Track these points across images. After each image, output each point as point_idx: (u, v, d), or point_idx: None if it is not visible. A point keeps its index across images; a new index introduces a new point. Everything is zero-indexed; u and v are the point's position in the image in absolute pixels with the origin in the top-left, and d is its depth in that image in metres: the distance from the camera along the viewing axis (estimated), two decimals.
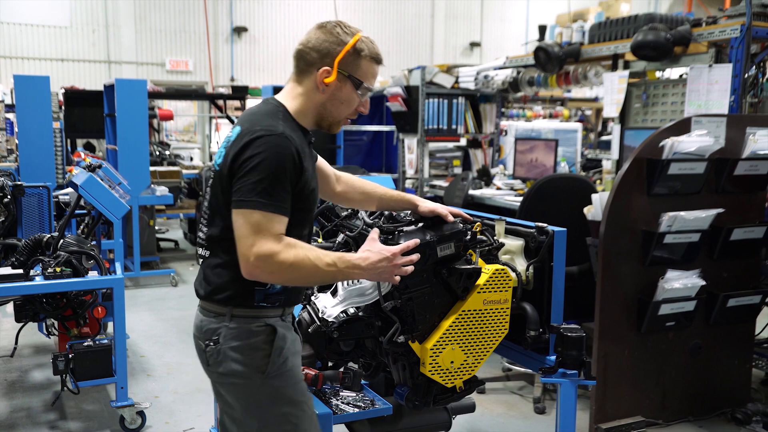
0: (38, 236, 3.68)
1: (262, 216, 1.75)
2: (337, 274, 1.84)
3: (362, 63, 1.94)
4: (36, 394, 4.20)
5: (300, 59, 1.95)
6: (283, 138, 1.80)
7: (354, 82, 1.94)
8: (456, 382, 2.27)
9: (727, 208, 3.61)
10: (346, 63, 1.92)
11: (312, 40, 1.94)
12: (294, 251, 1.77)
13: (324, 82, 1.91)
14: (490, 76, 6.49)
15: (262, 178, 1.76)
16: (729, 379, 3.91)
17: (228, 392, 1.97)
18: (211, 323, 1.93)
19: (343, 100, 1.96)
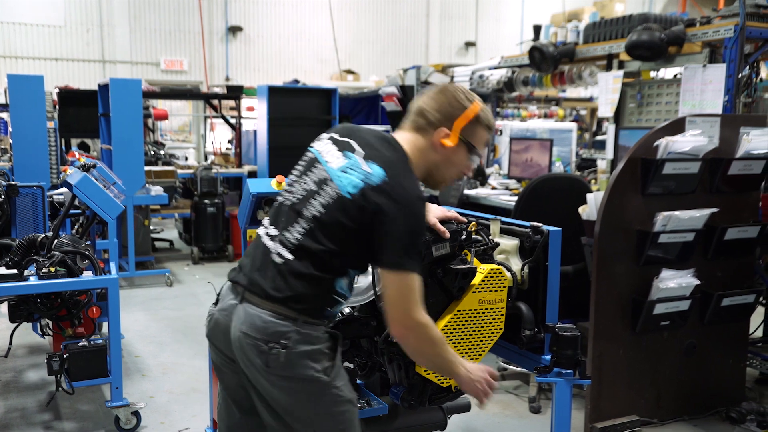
0: (32, 236, 3.66)
1: (415, 280, 1.86)
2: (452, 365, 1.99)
3: (478, 130, 2.05)
4: (30, 394, 4.18)
5: (420, 116, 2.05)
6: (425, 203, 1.94)
7: (468, 147, 2.05)
8: (451, 382, 2.27)
9: (721, 207, 3.62)
10: (465, 128, 2.02)
11: (434, 101, 2.03)
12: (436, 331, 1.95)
13: (442, 143, 2.00)
14: (485, 75, 6.50)
15: (414, 243, 1.87)
16: (723, 378, 3.92)
17: (289, 394, 1.92)
18: (280, 326, 1.88)
19: (455, 163, 2.06)
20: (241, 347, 1.93)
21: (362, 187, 1.87)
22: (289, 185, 2.06)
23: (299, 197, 1.97)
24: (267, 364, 1.89)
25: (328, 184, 1.93)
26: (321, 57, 15.95)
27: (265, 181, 3.34)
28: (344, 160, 1.94)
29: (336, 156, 1.97)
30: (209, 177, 8.01)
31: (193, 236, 8.20)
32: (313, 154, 2.05)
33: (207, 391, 3.25)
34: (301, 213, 1.94)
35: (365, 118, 8.64)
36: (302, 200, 1.96)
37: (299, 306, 1.89)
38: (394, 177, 1.88)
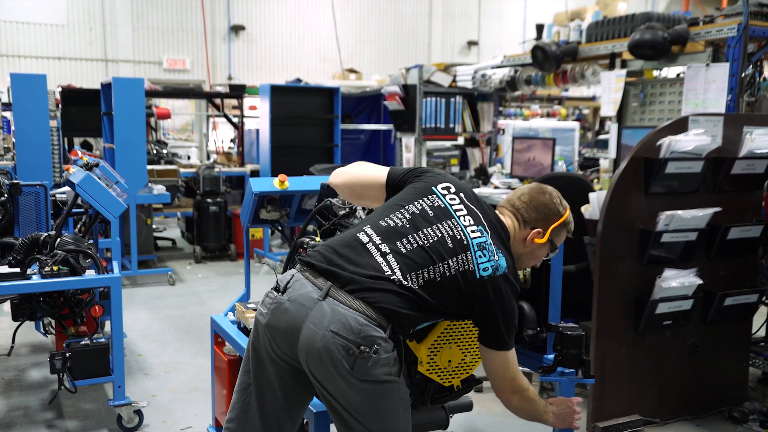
0: (35, 235, 3.67)
1: (514, 355, 2.13)
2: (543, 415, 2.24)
3: (563, 233, 2.26)
4: (33, 392, 4.19)
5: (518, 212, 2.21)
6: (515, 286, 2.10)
7: (552, 247, 2.25)
8: (453, 381, 2.27)
9: (724, 207, 3.61)
10: (554, 232, 2.21)
11: (535, 202, 2.21)
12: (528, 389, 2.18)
13: (534, 240, 2.18)
14: (488, 74, 6.50)
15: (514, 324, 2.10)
16: (726, 378, 3.92)
17: (365, 395, 1.95)
18: (374, 331, 1.92)
19: (537, 257, 2.25)
20: (325, 345, 1.90)
21: (491, 275, 2.03)
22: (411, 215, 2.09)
23: (433, 243, 2.03)
24: (353, 366, 1.90)
25: (466, 254, 2.04)
26: (323, 56, 15.94)
27: (267, 180, 3.34)
28: (479, 234, 2.07)
29: (471, 224, 2.09)
30: (212, 176, 8.01)
31: (195, 235, 8.21)
32: (444, 205, 2.13)
33: (209, 390, 3.26)
34: (434, 262, 2.02)
35: (367, 118, 8.64)
36: (437, 250, 2.03)
37: (394, 321, 1.98)
38: (512, 273, 2.09)
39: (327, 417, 2.31)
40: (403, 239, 2.03)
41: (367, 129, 8.24)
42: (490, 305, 2.02)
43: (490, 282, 2.01)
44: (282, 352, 2.02)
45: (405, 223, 2.06)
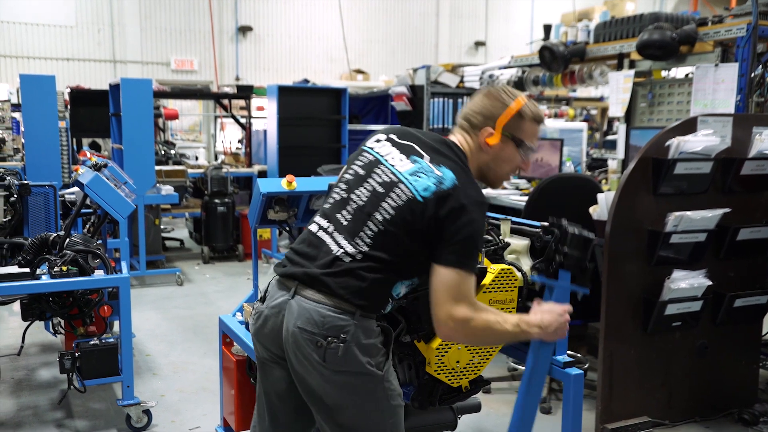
0: (44, 235, 3.68)
1: (467, 278, 1.91)
2: (521, 334, 2.01)
3: (525, 125, 2.08)
4: (43, 392, 4.21)
5: (465, 120, 2.11)
6: (486, 207, 1.99)
7: (516, 142, 2.08)
8: (462, 382, 2.27)
9: (733, 207, 3.59)
10: (510, 126, 2.06)
11: (478, 105, 2.10)
12: (485, 315, 1.93)
13: (487, 142, 2.06)
14: (495, 75, 6.49)
15: (471, 242, 1.91)
16: (736, 380, 3.90)
17: (343, 388, 1.93)
18: (339, 320, 1.90)
19: (506, 159, 2.10)
20: (296, 342, 1.93)
21: (434, 191, 1.92)
22: (346, 184, 2.07)
23: (366, 199, 1.99)
24: (324, 359, 1.90)
25: (399, 186, 1.97)
26: (331, 56, 15.96)
27: (275, 181, 3.34)
28: (412, 163, 1.99)
29: (401, 159, 2.02)
30: (219, 176, 8.03)
31: (203, 235, 8.23)
32: (374, 156, 2.08)
33: (217, 391, 3.26)
34: (371, 215, 1.96)
35: (375, 118, 8.63)
36: (370, 202, 1.98)
37: (360, 302, 1.92)
38: (463, 182, 1.95)
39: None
40: (342, 211, 2.02)
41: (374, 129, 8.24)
42: (443, 220, 1.90)
43: (438, 197, 1.91)
44: (275, 354, 2.05)
45: (342, 194, 2.06)
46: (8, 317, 5.66)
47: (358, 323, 1.92)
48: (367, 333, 1.93)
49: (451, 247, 1.89)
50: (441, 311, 1.89)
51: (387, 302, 1.99)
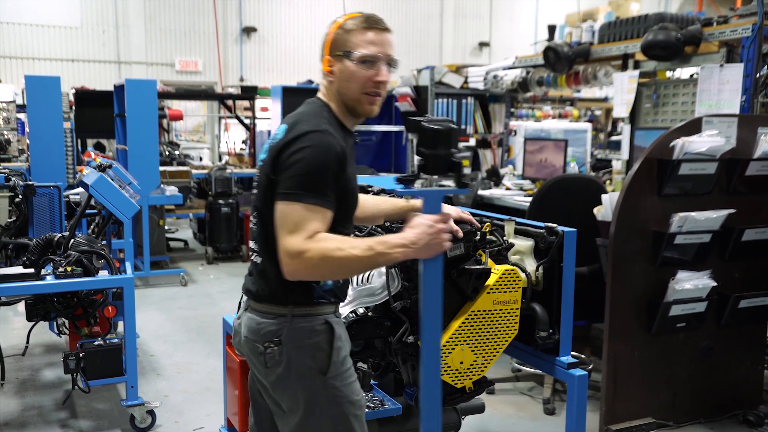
0: (49, 236, 3.69)
1: (300, 209, 1.77)
2: (378, 257, 1.79)
3: (352, 36, 1.93)
4: (47, 392, 4.22)
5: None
6: (327, 134, 1.84)
7: (347, 55, 1.93)
8: (465, 383, 2.27)
9: (738, 208, 3.58)
10: (337, 44, 1.94)
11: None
12: (323, 244, 1.75)
13: (325, 71, 1.97)
14: (500, 76, 6.48)
15: (305, 172, 1.79)
16: (741, 381, 3.89)
17: (286, 394, 1.93)
18: (271, 325, 1.91)
19: (348, 78, 1.94)
20: (246, 352, 2.00)
21: (268, 148, 1.92)
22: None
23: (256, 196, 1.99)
24: (266, 365, 1.92)
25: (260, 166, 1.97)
26: None
27: None
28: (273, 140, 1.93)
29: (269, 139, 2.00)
30: (223, 177, 8.04)
31: (207, 236, 8.24)
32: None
33: (221, 391, 3.26)
34: (256, 208, 1.97)
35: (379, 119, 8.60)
36: (256, 197, 1.99)
37: (281, 297, 1.90)
38: (293, 125, 1.88)
39: None
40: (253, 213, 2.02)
41: (378, 130, 8.23)
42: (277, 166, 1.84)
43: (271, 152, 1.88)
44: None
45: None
46: (13, 318, 5.67)
47: (292, 324, 1.89)
48: (306, 333, 1.89)
49: (282, 182, 1.81)
50: (279, 249, 1.79)
51: (309, 284, 1.90)
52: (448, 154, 1.85)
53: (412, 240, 1.80)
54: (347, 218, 1.98)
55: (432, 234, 1.81)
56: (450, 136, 1.85)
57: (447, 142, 1.86)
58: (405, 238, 1.80)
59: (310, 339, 1.89)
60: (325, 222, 1.80)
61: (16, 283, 3.33)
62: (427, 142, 1.86)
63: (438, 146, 1.84)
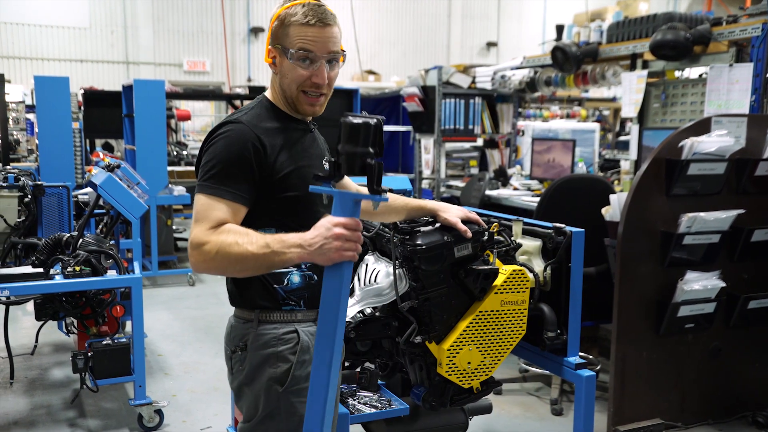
0: (58, 235, 3.71)
1: (205, 200, 1.72)
2: (273, 255, 1.63)
3: (290, 30, 1.80)
4: (56, 391, 4.24)
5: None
6: (238, 124, 1.79)
7: (285, 52, 1.82)
8: (473, 383, 2.26)
9: (747, 209, 3.57)
10: (277, 36, 1.83)
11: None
12: (223, 237, 1.66)
13: (269, 63, 1.88)
14: (507, 76, 6.47)
15: (212, 164, 1.74)
16: (750, 382, 3.87)
17: (245, 404, 1.90)
18: (240, 329, 1.88)
19: (284, 74, 1.85)
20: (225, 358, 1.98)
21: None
22: None
23: None
24: (232, 371, 1.90)
25: None
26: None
27: None
28: None
29: None
30: None
31: None
32: None
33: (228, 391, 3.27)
34: None
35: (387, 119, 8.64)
36: None
37: (246, 300, 1.86)
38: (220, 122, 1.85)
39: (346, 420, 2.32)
40: None
41: (386, 130, 8.25)
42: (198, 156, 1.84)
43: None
44: None
45: None
46: (22, 317, 5.70)
47: (258, 330, 1.84)
48: (271, 341, 1.83)
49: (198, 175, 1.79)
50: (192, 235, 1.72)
51: (269, 285, 1.84)
52: (364, 153, 1.59)
53: (308, 242, 1.61)
54: (298, 209, 1.84)
55: (328, 238, 1.59)
56: (366, 133, 1.60)
57: (363, 140, 1.60)
58: (302, 239, 1.62)
59: (274, 348, 1.82)
60: (232, 213, 1.72)
61: (25, 283, 3.35)
62: (343, 137, 1.63)
63: (352, 143, 1.60)
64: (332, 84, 1.91)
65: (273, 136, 1.83)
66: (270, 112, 1.89)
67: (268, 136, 1.81)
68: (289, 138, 1.87)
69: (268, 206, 1.81)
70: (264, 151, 1.78)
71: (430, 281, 2.12)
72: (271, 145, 1.80)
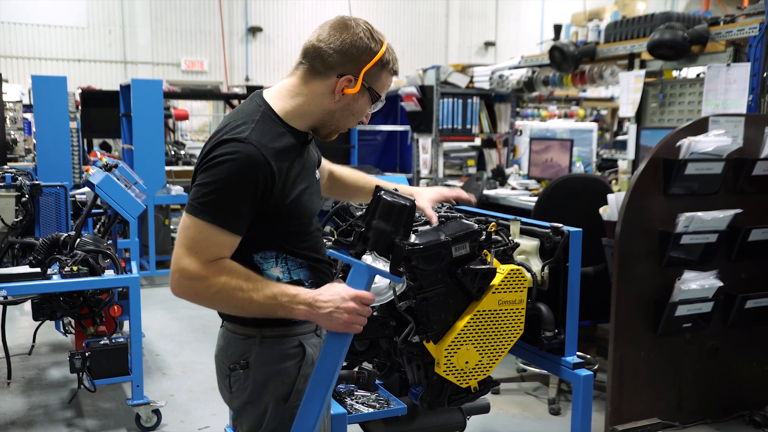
0: (55, 235, 3.70)
1: (203, 227, 1.61)
2: (278, 308, 1.64)
3: (383, 75, 1.78)
4: (53, 391, 4.23)
5: (317, 58, 1.74)
6: (247, 145, 1.62)
7: (372, 96, 1.78)
8: (471, 383, 2.26)
9: (745, 208, 3.57)
10: (370, 74, 1.75)
11: (335, 40, 1.73)
12: (226, 279, 1.62)
13: (344, 91, 1.74)
14: (505, 75, 6.47)
15: (214, 188, 1.60)
16: (747, 382, 3.87)
17: (249, 419, 1.82)
18: (239, 345, 1.78)
19: (355, 112, 1.79)
20: (216, 368, 1.90)
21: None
22: None
23: None
24: (230, 389, 1.81)
25: None
26: None
27: None
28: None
29: None
30: None
31: None
32: None
33: None
34: None
35: (384, 119, 8.63)
36: None
37: (251, 318, 1.76)
38: (222, 127, 1.70)
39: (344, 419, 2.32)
40: None
41: (384, 130, 8.23)
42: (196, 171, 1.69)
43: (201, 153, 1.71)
44: None
45: None
46: (19, 317, 5.69)
47: (262, 347, 1.76)
48: (276, 357, 1.76)
49: (192, 191, 1.65)
50: (173, 260, 1.64)
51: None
52: (392, 232, 1.66)
53: (319, 304, 1.62)
54: (299, 235, 1.78)
55: (340, 308, 1.61)
56: (400, 215, 1.66)
57: (395, 221, 1.66)
58: (313, 299, 1.63)
59: (280, 364, 1.76)
60: (228, 245, 1.64)
61: (22, 283, 3.34)
62: (375, 212, 1.67)
63: (385, 221, 1.66)
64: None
65: (281, 158, 1.68)
66: (275, 125, 1.73)
67: (277, 159, 1.67)
68: (294, 159, 1.75)
69: (267, 231, 1.72)
70: (272, 179, 1.66)
71: (427, 281, 2.12)
72: (279, 170, 1.67)
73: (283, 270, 1.76)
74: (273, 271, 1.75)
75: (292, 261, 1.77)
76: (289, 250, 1.75)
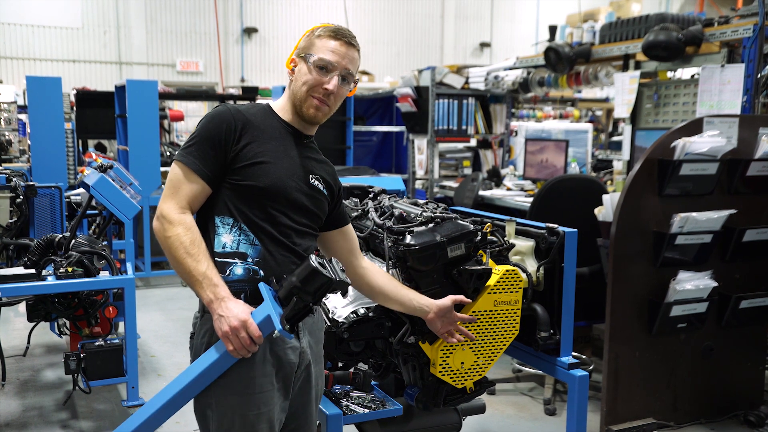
0: (50, 236, 3.70)
1: (175, 168, 1.88)
2: (196, 284, 1.81)
3: (316, 41, 1.97)
4: (48, 393, 4.22)
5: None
6: (224, 106, 1.94)
7: (307, 58, 1.96)
8: (466, 383, 2.27)
9: (739, 209, 3.58)
10: (303, 48, 1.98)
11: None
12: (180, 230, 1.82)
13: (289, 70, 2.01)
14: (500, 76, 6.48)
15: (190, 139, 1.91)
16: (741, 382, 3.89)
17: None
18: (195, 314, 1.99)
19: (300, 77, 1.97)
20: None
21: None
22: None
23: None
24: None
25: None
26: None
27: None
28: None
29: None
30: None
31: None
32: None
33: None
34: None
35: (380, 119, 8.64)
36: None
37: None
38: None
39: (340, 420, 2.32)
40: None
41: (379, 131, 8.24)
42: None
43: None
44: None
45: None
46: (14, 318, 5.67)
47: (202, 320, 1.94)
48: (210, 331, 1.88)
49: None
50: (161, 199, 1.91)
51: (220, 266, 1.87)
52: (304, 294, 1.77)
53: (220, 306, 1.79)
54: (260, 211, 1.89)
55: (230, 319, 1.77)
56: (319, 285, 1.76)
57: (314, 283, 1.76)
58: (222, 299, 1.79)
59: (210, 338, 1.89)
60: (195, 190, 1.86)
61: (17, 284, 3.34)
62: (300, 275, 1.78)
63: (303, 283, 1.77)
64: (338, 101, 2.02)
65: (255, 127, 1.93)
66: (267, 115, 1.99)
67: (249, 125, 1.92)
68: (271, 136, 1.96)
69: (225, 192, 1.89)
70: (236, 133, 1.89)
71: (423, 281, 2.12)
72: (247, 132, 1.90)
73: (233, 240, 1.89)
74: (224, 237, 1.89)
75: (245, 235, 1.89)
76: (247, 221, 1.89)
